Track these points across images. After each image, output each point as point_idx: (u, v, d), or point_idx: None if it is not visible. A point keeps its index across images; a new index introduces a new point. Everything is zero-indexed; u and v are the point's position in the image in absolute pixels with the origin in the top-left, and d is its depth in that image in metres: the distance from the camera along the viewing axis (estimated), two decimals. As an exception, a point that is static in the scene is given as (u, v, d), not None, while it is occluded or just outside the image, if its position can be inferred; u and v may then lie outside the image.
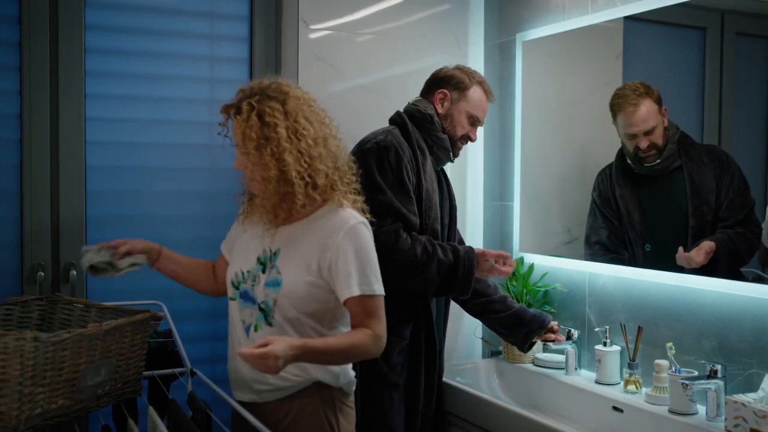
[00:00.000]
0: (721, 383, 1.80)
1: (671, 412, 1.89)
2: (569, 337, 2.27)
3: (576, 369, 2.28)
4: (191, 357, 1.86)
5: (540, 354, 2.38)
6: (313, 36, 2.43)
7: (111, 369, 1.54)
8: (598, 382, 2.16)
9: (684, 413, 1.87)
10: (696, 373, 1.89)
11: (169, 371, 1.83)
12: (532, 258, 2.51)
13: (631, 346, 2.08)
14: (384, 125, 2.18)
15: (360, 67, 2.51)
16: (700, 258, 1.91)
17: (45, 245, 2.18)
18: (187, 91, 2.38)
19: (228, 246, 1.84)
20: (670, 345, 1.94)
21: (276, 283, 1.62)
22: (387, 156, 2.01)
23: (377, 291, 1.61)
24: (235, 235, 1.81)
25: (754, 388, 1.73)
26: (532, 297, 2.43)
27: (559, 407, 2.20)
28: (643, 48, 2.16)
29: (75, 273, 2.17)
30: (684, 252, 1.95)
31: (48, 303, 1.82)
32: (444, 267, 2.01)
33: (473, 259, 2.05)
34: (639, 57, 2.17)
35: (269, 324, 1.63)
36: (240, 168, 1.66)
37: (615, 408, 2.02)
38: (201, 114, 2.39)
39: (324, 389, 1.67)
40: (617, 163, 2.17)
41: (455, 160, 2.23)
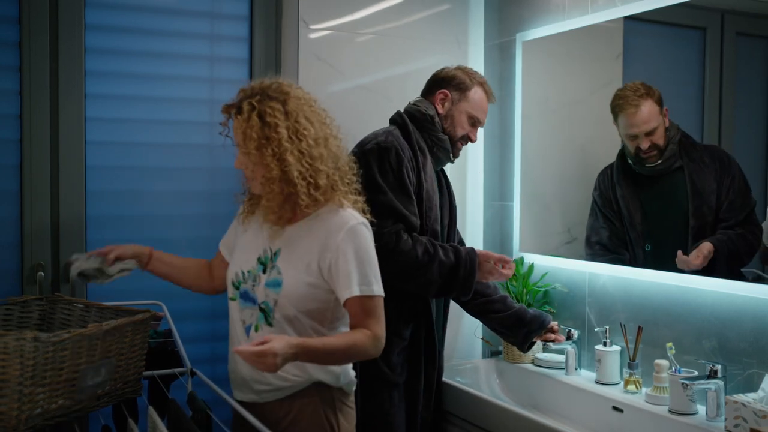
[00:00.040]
0: (721, 383, 1.80)
1: (671, 412, 1.89)
2: (569, 337, 2.27)
3: (576, 369, 2.28)
4: (191, 357, 1.86)
5: (540, 354, 2.38)
6: (313, 36, 2.43)
7: (111, 369, 1.54)
8: (598, 382, 2.16)
9: (684, 413, 1.87)
10: (696, 373, 1.89)
11: (169, 371, 1.83)
12: (532, 258, 2.51)
13: (631, 346, 2.09)
14: (384, 125, 2.17)
15: (360, 67, 2.51)
16: (698, 261, 1.92)
17: (45, 245, 2.18)
18: (187, 91, 2.38)
19: (227, 245, 1.84)
20: (670, 345, 1.94)
21: (277, 284, 1.62)
22: (388, 157, 2.00)
23: (376, 292, 1.61)
24: (235, 235, 1.81)
25: (754, 388, 1.73)
26: (532, 297, 2.43)
27: (559, 407, 2.20)
28: (643, 48, 2.16)
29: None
30: (683, 255, 1.95)
31: (48, 303, 1.82)
32: (445, 268, 2.01)
33: (475, 260, 2.05)
34: (639, 57, 2.17)
35: (269, 324, 1.63)
36: (241, 168, 1.66)
37: (615, 408, 2.02)
38: (201, 114, 2.39)
39: (324, 389, 1.66)
40: (618, 164, 2.16)
41: (455, 160, 2.23)
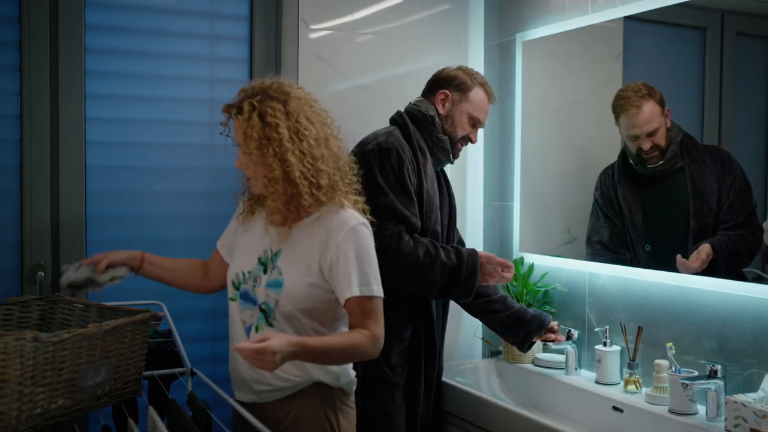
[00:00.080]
0: (721, 383, 1.80)
1: (671, 412, 1.89)
2: (569, 337, 2.27)
3: (576, 369, 2.28)
4: (191, 357, 1.86)
5: (540, 354, 2.38)
6: (313, 36, 2.43)
7: (111, 369, 1.54)
8: (598, 382, 2.16)
9: (684, 413, 1.87)
10: (696, 373, 1.89)
11: (169, 371, 1.83)
12: (532, 258, 2.51)
13: (631, 346, 2.08)
14: (384, 125, 2.17)
15: (360, 67, 2.51)
16: (696, 264, 1.91)
17: (45, 245, 2.18)
18: (187, 91, 2.38)
19: (225, 245, 1.84)
20: (670, 345, 1.94)
21: (277, 284, 1.62)
22: (389, 158, 2.00)
23: (376, 292, 1.60)
24: (234, 235, 1.81)
25: (754, 388, 1.73)
26: (532, 297, 2.43)
27: (559, 407, 2.20)
28: (643, 48, 2.16)
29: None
30: (682, 258, 1.95)
31: (48, 303, 1.82)
32: (447, 269, 2.01)
33: (476, 262, 2.04)
34: (639, 57, 2.17)
35: (270, 325, 1.62)
36: (241, 168, 1.66)
37: (615, 408, 2.02)
38: (201, 114, 2.39)
39: (324, 389, 1.66)
40: (620, 164, 2.16)
41: (455, 161, 2.23)
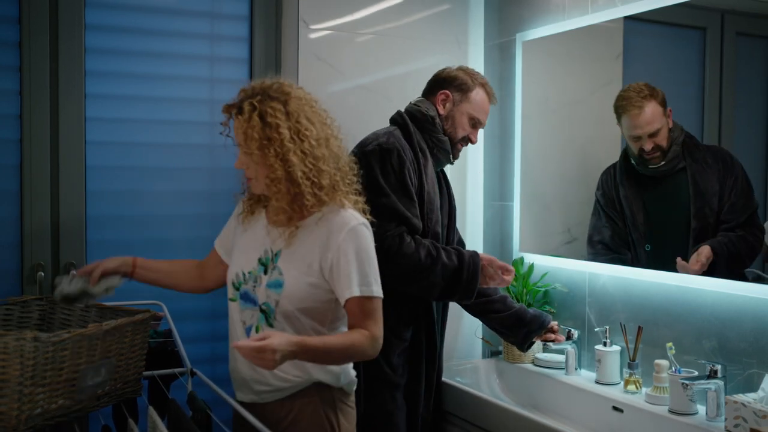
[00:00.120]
0: (721, 383, 1.80)
1: (671, 412, 1.89)
2: (569, 337, 2.27)
3: (576, 369, 2.28)
4: (191, 357, 1.86)
5: (540, 354, 2.38)
6: (313, 36, 2.43)
7: (111, 369, 1.54)
8: (598, 382, 2.16)
9: (684, 413, 1.87)
10: (696, 373, 1.89)
11: (169, 371, 1.83)
12: (532, 258, 2.51)
13: (631, 346, 2.08)
14: (384, 125, 2.17)
15: (360, 67, 2.51)
16: (696, 267, 1.91)
17: (45, 245, 2.18)
18: (187, 91, 2.38)
19: (224, 245, 1.83)
20: (670, 345, 1.94)
21: (278, 285, 1.62)
22: (390, 159, 1.99)
23: (375, 293, 1.60)
24: (233, 235, 1.80)
25: (754, 388, 1.73)
26: (532, 297, 2.43)
27: (559, 407, 2.20)
28: (643, 48, 2.16)
29: (75, 273, 2.17)
30: (682, 261, 1.95)
31: (48, 303, 1.82)
32: (448, 271, 2.00)
33: (478, 264, 2.03)
34: (639, 57, 2.17)
35: (270, 325, 1.62)
36: (241, 168, 1.65)
37: (615, 408, 2.02)
38: (201, 114, 2.39)
39: (324, 389, 1.66)
40: (621, 164, 2.16)
41: (454, 162, 2.23)
